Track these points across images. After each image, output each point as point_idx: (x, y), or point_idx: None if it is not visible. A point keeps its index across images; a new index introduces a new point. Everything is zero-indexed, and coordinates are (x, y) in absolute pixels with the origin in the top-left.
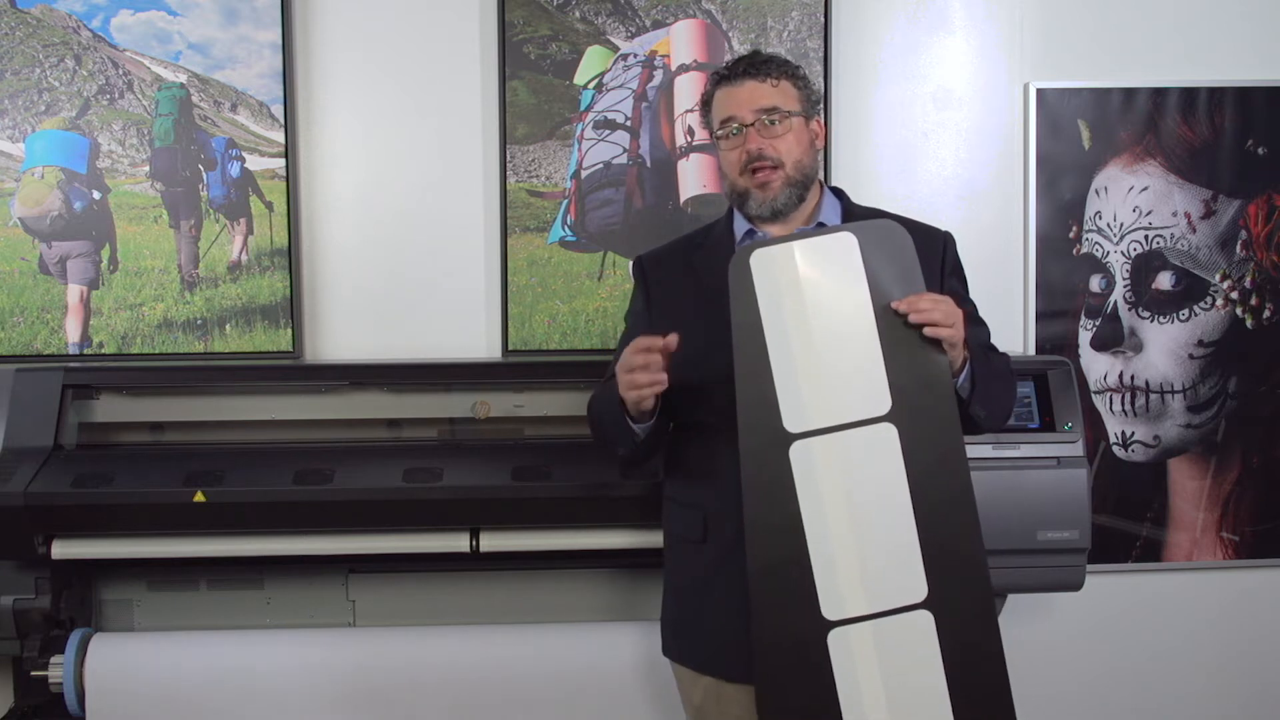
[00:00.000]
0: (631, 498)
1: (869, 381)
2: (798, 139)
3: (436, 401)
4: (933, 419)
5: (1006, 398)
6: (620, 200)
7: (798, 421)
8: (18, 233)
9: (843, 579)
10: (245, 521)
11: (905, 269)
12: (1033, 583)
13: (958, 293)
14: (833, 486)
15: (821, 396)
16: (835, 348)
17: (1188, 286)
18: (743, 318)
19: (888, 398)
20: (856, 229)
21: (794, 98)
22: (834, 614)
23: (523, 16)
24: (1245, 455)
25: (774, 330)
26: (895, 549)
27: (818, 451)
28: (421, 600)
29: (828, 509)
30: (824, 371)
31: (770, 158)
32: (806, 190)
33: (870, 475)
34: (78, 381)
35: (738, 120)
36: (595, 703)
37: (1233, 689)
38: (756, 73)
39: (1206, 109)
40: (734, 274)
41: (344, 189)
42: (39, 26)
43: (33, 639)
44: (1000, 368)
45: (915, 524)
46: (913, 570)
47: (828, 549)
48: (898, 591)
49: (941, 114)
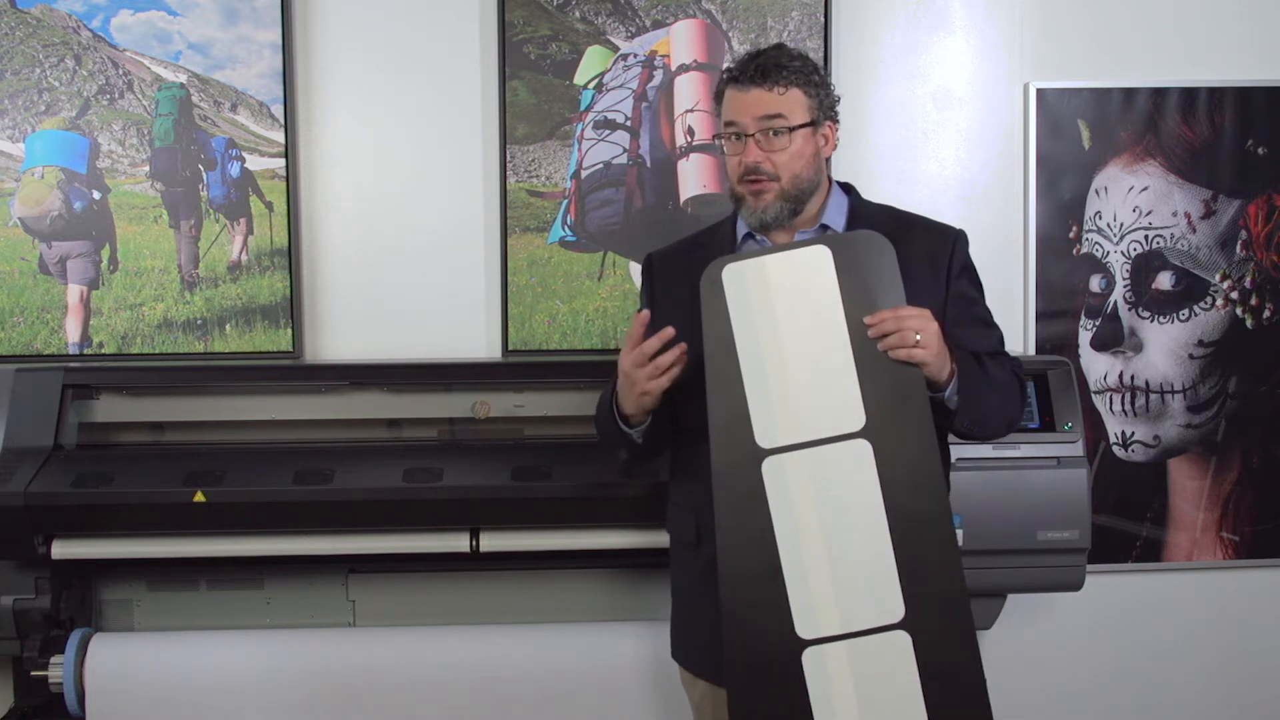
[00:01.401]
0: (632, 498)
1: (843, 397)
2: (799, 152)
3: (436, 401)
4: (909, 435)
5: (1007, 408)
6: (620, 200)
7: (770, 437)
8: (18, 233)
9: (817, 597)
10: (245, 521)
11: (885, 281)
12: (1033, 583)
13: (966, 295)
14: (806, 503)
15: (794, 412)
16: (808, 363)
17: (1188, 286)
18: (715, 331)
19: (862, 413)
20: (832, 241)
21: (802, 107)
22: (808, 633)
23: (523, 16)
24: (1245, 455)
25: (746, 345)
26: (871, 568)
27: (790, 468)
28: (421, 600)
29: (801, 526)
30: (797, 387)
31: (766, 172)
32: (803, 204)
33: (844, 492)
34: (78, 381)
35: (739, 128)
36: (595, 703)
37: (1233, 689)
38: (764, 80)
39: (1206, 109)
40: (705, 288)
41: (344, 189)
42: (39, 26)
43: (33, 639)
44: (1000, 377)
45: (891, 542)
46: (889, 590)
47: (802, 567)
48: (874, 611)
49: (941, 114)
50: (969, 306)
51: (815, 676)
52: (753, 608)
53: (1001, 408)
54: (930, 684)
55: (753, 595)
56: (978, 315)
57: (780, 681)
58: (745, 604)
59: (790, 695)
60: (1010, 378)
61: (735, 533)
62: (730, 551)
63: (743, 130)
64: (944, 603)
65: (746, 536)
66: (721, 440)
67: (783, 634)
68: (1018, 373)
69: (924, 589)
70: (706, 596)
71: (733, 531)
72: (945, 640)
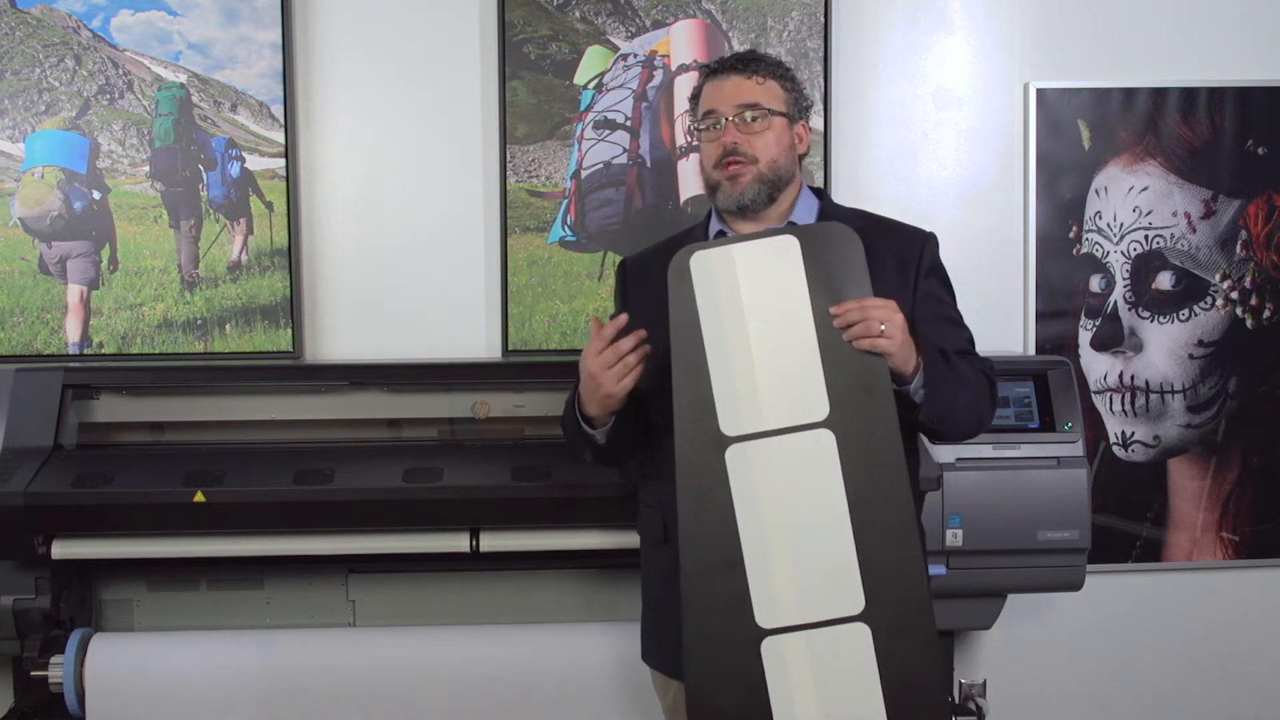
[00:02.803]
0: (631, 498)
1: (807, 386)
2: (777, 139)
3: (436, 401)
4: (873, 426)
5: (975, 407)
6: (620, 200)
7: (734, 425)
8: (18, 233)
9: (778, 587)
10: (245, 521)
11: (852, 272)
12: (1033, 583)
13: (934, 294)
14: (769, 492)
15: (759, 400)
16: (773, 352)
17: (1188, 286)
18: (681, 319)
19: (826, 403)
20: (800, 232)
21: (779, 98)
22: (768, 622)
23: (523, 16)
24: (1245, 455)
25: (712, 333)
26: (831, 558)
27: (754, 456)
28: (421, 600)
29: (764, 515)
30: (761, 375)
31: (744, 153)
32: (779, 191)
33: (807, 482)
34: (78, 381)
35: (718, 113)
36: (595, 702)
37: (1232, 689)
38: (743, 69)
39: (1206, 109)
40: (673, 275)
41: (344, 189)
42: (39, 26)
43: (33, 639)
44: (967, 374)
45: (852, 533)
46: (849, 581)
47: (763, 555)
48: (833, 603)
49: (941, 114)
50: (936, 305)
51: (774, 666)
52: (713, 596)
53: (971, 405)
54: (888, 677)
55: (714, 583)
56: (945, 314)
57: (739, 671)
58: (706, 592)
59: (749, 685)
60: (979, 376)
61: (697, 520)
62: (692, 539)
63: (721, 115)
64: (904, 596)
65: (708, 524)
66: (686, 427)
67: (742, 623)
68: (988, 373)
69: (885, 581)
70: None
71: (695, 519)
72: (904, 633)
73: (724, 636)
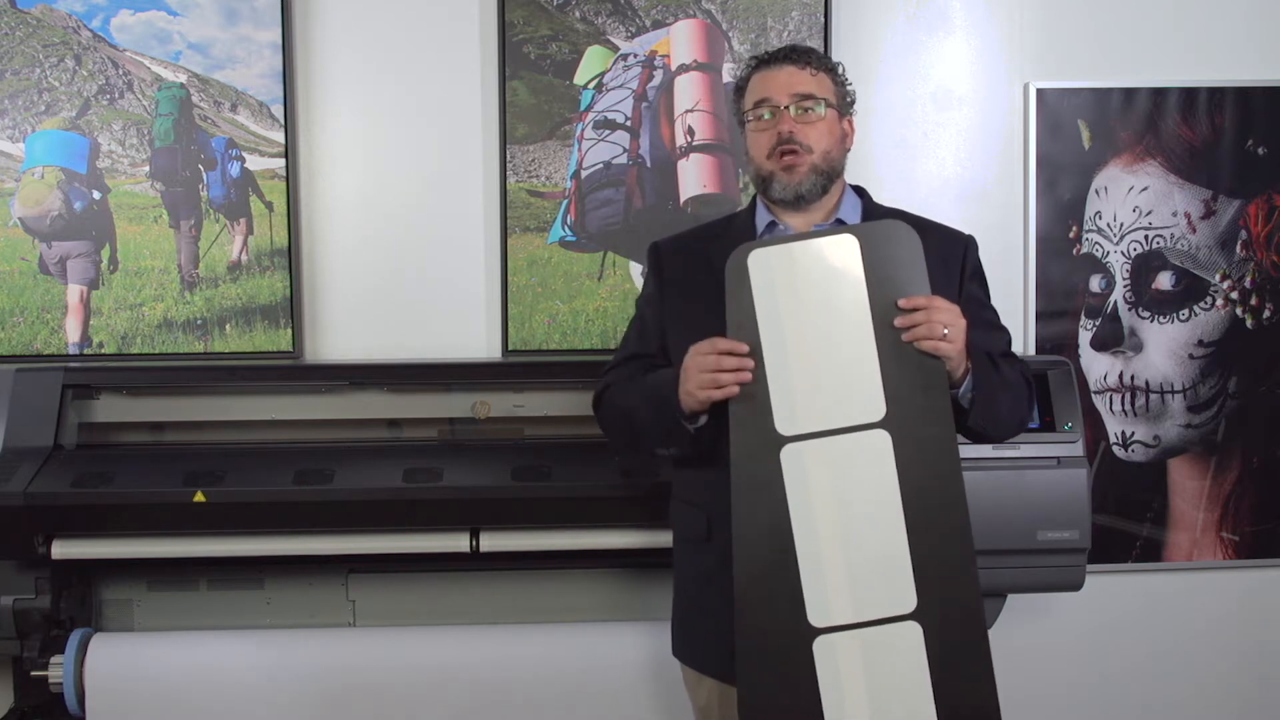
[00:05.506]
0: (632, 498)
1: (864, 387)
2: (830, 130)
3: (436, 401)
4: (928, 428)
5: (1017, 409)
6: (620, 200)
7: (790, 424)
8: (18, 233)
9: (830, 586)
10: (245, 521)
11: (911, 272)
12: (1033, 583)
13: (976, 298)
14: (823, 492)
15: (815, 400)
16: (831, 351)
17: (1188, 286)
18: (738, 318)
19: (883, 404)
20: (860, 230)
21: (831, 91)
22: (820, 621)
23: (523, 16)
24: (1245, 455)
25: (769, 331)
26: (885, 558)
27: (809, 455)
28: (421, 600)
29: (817, 514)
30: (819, 375)
31: (800, 143)
32: (831, 182)
33: (862, 482)
34: (78, 381)
35: (772, 103)
36: (596, 703)
37: (1233, 689)
38: (798, 60)
39: (1206, 109)
40: (730, 274)
41: (344, 189)
42: (39, 26)
43: (33, 639)
44: (1012, 378)
45: (906, 534)
46: (902, 581)
47: (816, 555)
48: (886, 601)
49: (941, 114)
50: (979, 309)
51: (825, 665)
52: (766, 595)
53: (1014, 408)
54: (939, 676)
55: (767, 582)
56: (987, 318)
57: (790, 670)
58: (758, 591)
59: (800, 684)
60: (1020, 379)
61: (751, 519)
62: (746, 538)
63: (776, 105)
64: (956, 596)
65: (763, 523)
66: (742, 426)
67: (795, 622)
68: (1026, 375)
69: (937, 581)
70: (716, 591)
71: (749, 518)
72: (956, 633)
73: (776, 636)
